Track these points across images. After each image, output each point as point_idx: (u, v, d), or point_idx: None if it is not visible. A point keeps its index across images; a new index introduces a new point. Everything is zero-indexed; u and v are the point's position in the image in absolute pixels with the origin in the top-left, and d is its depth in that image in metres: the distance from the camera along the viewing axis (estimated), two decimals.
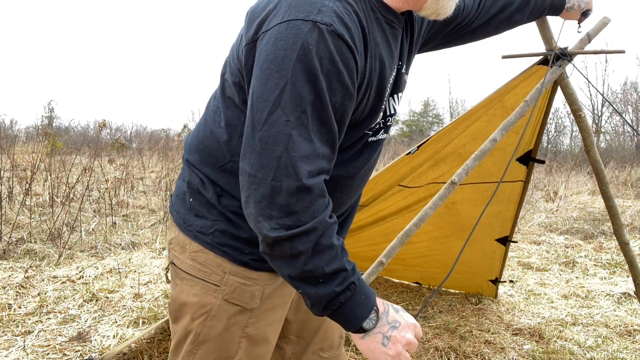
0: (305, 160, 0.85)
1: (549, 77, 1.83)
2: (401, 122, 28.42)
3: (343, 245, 0.93)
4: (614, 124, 17.76)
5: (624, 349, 2.80)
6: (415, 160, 2.53)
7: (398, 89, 1.13)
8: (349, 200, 1.19)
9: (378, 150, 1.16)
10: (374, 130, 1.09)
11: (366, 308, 0.91)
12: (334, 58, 0.85)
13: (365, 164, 1.13)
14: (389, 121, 1.14)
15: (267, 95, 0.85)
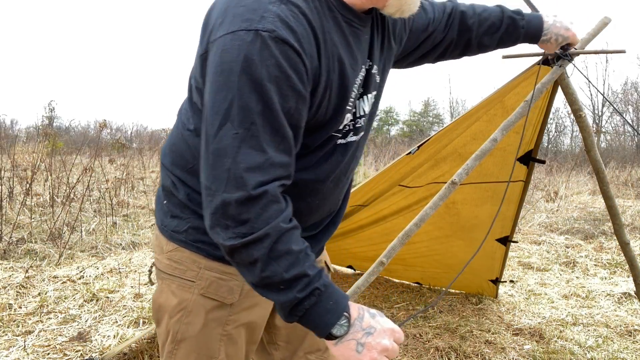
0: (255, 171, 0.85)
1: (549, 77, 1.83)
2: (401, 122, 28.44)
3: (307, 250, 0.91)
4: (614, 124, 17.76)
5: (625, 349, 2.80)
6: (415, 160, 2.53)
7: (368, 89, 1.11)
8: (325, 205, 1.16)
9: (350, 153, 1.12)
10: (342, 133, 1.07)
11: (335, 314, 0.89)
12: (280, 64, 0.85)
13: (336, 168, 1.10)
14: (359, 123, 1.11)
15: (217, 108, 0.86)
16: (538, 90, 1.77)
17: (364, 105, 1.11)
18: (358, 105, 1.08)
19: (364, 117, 1.12)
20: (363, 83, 1.07)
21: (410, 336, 2.84)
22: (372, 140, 17.64)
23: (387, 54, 1.16)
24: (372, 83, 1.11)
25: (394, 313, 3.20)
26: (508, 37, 1.45)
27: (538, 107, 2.32)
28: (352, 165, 1.17)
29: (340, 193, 1.21)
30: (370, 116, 1.17)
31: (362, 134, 1.16)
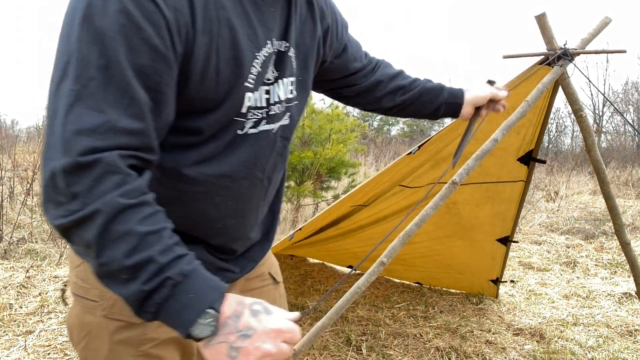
0: (87, 135, 0.70)
1: (550, 77, 1.83)
2: (402, 122, 28.43)
3: (162, 232, 0.74)
4: (615, 124, 17.74)
5: (625, 349, 2.79)
6: (416, 160, 2.53)
7: (284, 73, 0.98)
8: (246, 212, 1.02)
9: (264, 145, 0.98)
10: (249, 119, 0.93)
11: (194, 310, 0.72)
12: (128, 12, 0.71)
13: (248, 162, 0.96)
14: (273, 110, 0.97)
15: (57, 62, 0.73)
16: (538, 90, 1.77)
17: (278, 90, 0.98)
18: (272, 91, 0.96)
19: (279, 104, 0.99)
20: (275, 64, 0.95)
21: (410, 336, 2.84)
22: (372, 140, 17.63)
23: (311, 42, 1.06)
24: (287, 66, 0.99)
25: (395, 313, 3.20)
26: (420, 105, 1.41)
27: (539, 107, 2.33)
28: (271, 161, 1.02)
29: (263, 196, 1.05)
30: (290, 104, 1.04)
31: (282, 124, 1.02)
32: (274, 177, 1.07)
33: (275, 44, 0.94)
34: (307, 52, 1.05)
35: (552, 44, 1.87)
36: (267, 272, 1.21)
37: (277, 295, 1.23)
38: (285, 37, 0.97)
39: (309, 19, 1.04)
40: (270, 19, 0.92)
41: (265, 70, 0.93)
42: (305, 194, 5.47)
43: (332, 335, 2.80)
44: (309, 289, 3.58)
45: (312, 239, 3.37)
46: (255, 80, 0.90)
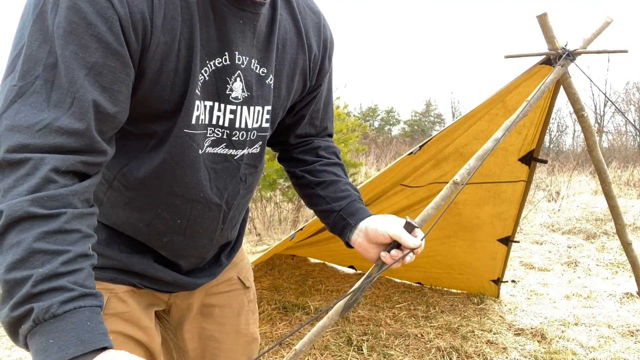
0: (22, 132, 0.66)
1: (551, 77, 1.83)
2: (403, 122, 28.44)
3: (61, 253, 0.64)
4: (616, 124, 17.73)
5: (627, 349, 2.79)
6: (417, 160, 2.53)
7: (257, 99, 0.92)
8: (192, 229, 0.96)
9: (225, 169, 0.94)
10: (211, 139, 0.89)
11: (46, 357, 0.60)
12: (80, 9, 0.68)
13: (203, 185, 0.91)
14: (236, 135, 0.92)
15: (9, 55, 0.71)
16: (540, 90, 1.77)
17: (247, 117, 0.92)
18: (238, 112, 0.90)
19: (245, 131, 0.93)
20: (247, 86, 0.90)
21: (411, 336, 2.84)
22: (373, 140, 17.63)
23: (293, 74, 0.98)
24: (264, 93, 0.93)
25: (396, 313, 3.20)
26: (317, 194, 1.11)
27: (540, 106, 2.32)
28: (231, 187, 0.97)
29: (221, 221, 1.00)
30: (264, 134, 0.98)
31: (251, 153, 0.97)
32: (237, 204, 1.02)
33: (240, 59, 0.88)
34: (288, 83, 0.99)
35: (554, 43, 1.87)
36: (236, 276, 1.18)
37: (245, 300, 1.20)
38: (263, 63, 0.92)
39: (295, 49, 0.97)
40: (235, 32, 0.85)
41: (222, 84, 0.87)
42: None
43: (333, 335, 2.80)
44: (310, 289, 3.58)
45: (313, 238, 3.37)
46: (202, 88, 0.85)
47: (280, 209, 6.20)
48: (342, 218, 1.06)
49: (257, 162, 1.01)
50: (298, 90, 1.03)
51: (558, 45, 1.88)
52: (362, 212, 1.05)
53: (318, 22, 1.02)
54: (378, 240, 0.99)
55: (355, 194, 1.09)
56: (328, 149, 1.15)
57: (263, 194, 5.67)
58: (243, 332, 1.18)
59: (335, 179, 1.10)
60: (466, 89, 45.45)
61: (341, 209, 1.06)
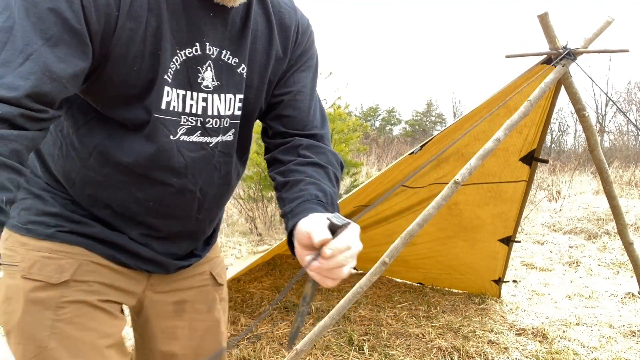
0: None
1: (552, 77, 1.83)
2: (404, 122, 28.44)
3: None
4: (617, 124, 17.71)
5: (628, 349, 2.79)
6: (418, 160, 2.53)
7: (228, 87, 0.95)
8: (164, 212, 0.98)
9: (200, 157, 0.96)
10: (186, 127, 0.92)
11: None
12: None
13: (177, 170, 0.94)
14: (210, 122, 0.95)
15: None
16: (541, 89, 1.77)
17: (219, 103, 0.95)
18: (209, 100, 0.93)
19: (218, 119, 0.96)
20: (217, 75, 0.93)
21: (412, 336, 2.84)
22: (374, 139, 17.62)
23: (266, 63, 1.00)
24: (234, 82, 0.96)
25: (397, 313, 3.20)
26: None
27: (541, 106, 2.32)
28: (205, 174, 0.99)
29: (195, 208, 1.01)
30: (236, 121, 0.99)
31: (224, 140, 0.99)
32: (212, 193, 1.02)
33: (211, 50, 0.91)
34: (261, 72, 1.00)
35: (555, 43, 1.87)
36: (209, 271, 1.18)
37: (217, 297, 1.19)
38: (235, 53, 0.94)
39: (267, 41, 0.99)
40: (205, 24, 0.89)
41: (194, 73, 0.90)
42: None
43: (334, 335, 2.80)
44: None
45: None
46: (174, 77, 0.88)
47: None
48: (287, 222, 0.92)
49: (231, 150, 1.02)
50: (274, 79, 1.03)
51: (559, 44, 1.88)
52: (307, 212, 0.87)
53: (291, 13, 1.04)
54: (303, 242, 0.82)
55: (312, 193, 0.92)
56: (313, 149, 1.03)
57: (264, 193, 5.67)
58: (213, 329, 1.18)
59: (300, 179, 0.96)
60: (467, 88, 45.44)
61: (290, 211, 0.91)
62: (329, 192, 0.95)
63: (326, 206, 0.91)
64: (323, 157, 1.03)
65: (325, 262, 0.78)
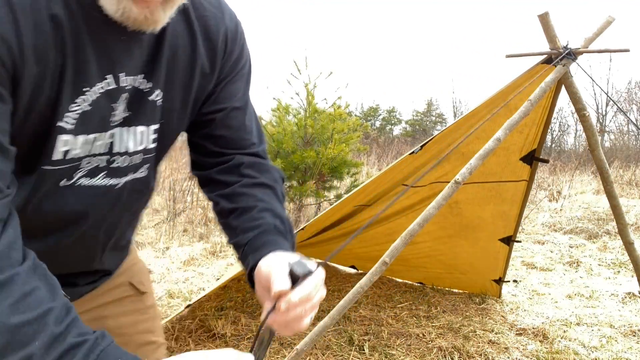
0: None
1: (553, 76, 1.83)
2: (404, 122, 28.44)
3: (45, 315, 0.58)
4: (618, 123, 17.70)
5: (629, 349, 2.79)
6: (418, 159, 2.53)
7: (140, 118, 0.80)
8: (60, 254, 0.86)
9: (105, 200, 0.83)
10: (87, 168, 0.78)
11: None
12: None
13: (74, 217, 0.82)
14: (117, 161, 0.81)
15: None
16: (541, 89, 1.77)
17: (128, 139, 0.80)
18: (118, 136, 0.79)
19: (127, 156, 0.82)
20: (129, 105, 0.78)
21: (413, 336, 2.84)
22: (375, 139, 17.62)
23: (189, 84, 0.85)
24: (147, 111, 0.81)
25: (397, 313, 3.20)
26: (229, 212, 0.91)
27: (541, 106, 2.32)
28: (111, 216, 0.87)
29: (99, 249, 0.92)
30: (149, 155, 0.86)
31: (135, 178, 0.86)
32: (120, 230, 0.93)
33: (126, 81, 0.76)
34: (183, 94, 0.86)
35: (555, 43, 1.87)
36: (127, 281, 1.07)
37: (141, 307, 1.09)
38: (149, 77, 0.79)
39: (190, 53, 0.84)
40: (117, 50, 0.73)
41: (107, 112, 0.76)
42: (308, 194, 5.47)
43: (334, 335, 2.80)
44: None
45: (314, 239, 3.37)
46: (79, 122, 0.73)
47: None
48: (245, 255, 0.84)
49: (144, 187, 0.90)
50: (200, 98, 0.89)
51: (559, 44, 1.88)
52: (268, 247, 0.81)
53: (217, 16, 0.87)
54: (263, 284, 0.76)
55: (270, 222, 0.85)
56: (256, 167, 0.94)
57: None
58: (144, 341, 1.09)
59: (252, 205, 0.88)
60: (467, 88, 45.45)
61: (247, 243, 0.84)
62: (285, 217, 0.89)
63: (285, 235, 0.85)
64: (268, 176, 0.94)
65: (281, 315, 0.71)
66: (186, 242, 4.94)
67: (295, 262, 0.73)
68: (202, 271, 4.00)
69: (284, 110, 5.71)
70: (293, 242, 0.89)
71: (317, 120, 5.50)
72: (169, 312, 3.03)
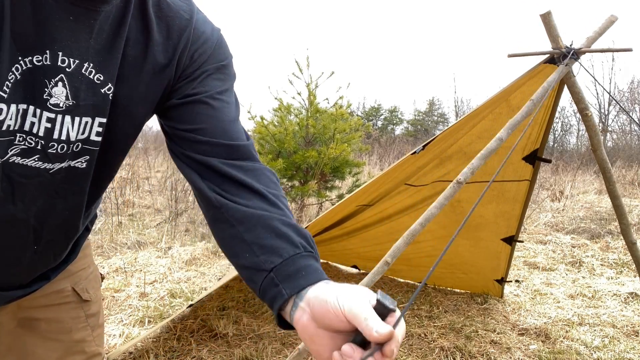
0: None
1: (555, 76, 1.82)
2: (406, 122, 28.41)
3: None
4: (620, 123, 17.65)
5: (631, 349, 2.78)
6: (421, 159, 2.53)
7: (87, 109, 0.78)
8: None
9: (35, 183, 0.80)
10: (20, 147, 0.76)
11: None
12: None
13: (1, 196, 0.78)
14: (53, 147, 0.78)
15: None
16: (544, 89, 1.76)
17: (70, 128, 0.78)
18: (58, 122, 0.77)
19: (65, 144, 0.79)
20: (74, 92, 0.76)
21: (415, 336, 2.84)
22: (376, 139, 17.62)
23: (148, 72, 0.82)
24: (95, 103, 0.78)
25: None
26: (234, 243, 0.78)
27: (544, 106, 2.32)
28: (42, 202, 0.83)
29: (31, 239, 0.86)
30: (93, 148, 0.82)
31: (71, 166, 0.82)
32: (54, 223, 0.87)
33: (65, 62, 0.74)
34: (139, 91, 0.83)
35: (558, 42, 1.86)
36: (70, 287, 1.02)
37: (82, 315, 1.04)
38: (102, 69, 0.77)
39: (143, 48, 0.81)
40: (61, 29, 0.72)
41: (39, 86, 0.73)
42: (309, 194, 5.47)
43: None
44: None
45: (315, 238, 3.37)
46: (12, 89, 0.71)
47: None
48: (273, 284, 0.70)
49: (81, 180, 0.85)
50: (155, 97, 0.85)
51: (562, 44, 1.87)
52: (306, 276, 0.68)
53: (185, 17, 0.85)
54: (329, 322, 0.61)
55: (298, 241, 0.73)
56: (257, 173, 0.84)
57: None
58: (76, 349, 1.04)
59: (269, 215, 0.76)
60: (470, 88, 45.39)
61: (273, 269, 0.70)
62: (306, 232, 0.77)
63: (317, 257, 0.74)
64: (273, 187, 0.84)
65: (359, 353, 0.57)
66: (188, 242, 4.95)
67: (379, 293, 0.60)
68: (204, 271, 4.00)
69: (286, 110, 5.72)
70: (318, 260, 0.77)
71: (318, 120, 5.50)
72: (171, 311, 3.03)
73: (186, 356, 2.45)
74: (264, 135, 5.40)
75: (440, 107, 28.35)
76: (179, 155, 0.87)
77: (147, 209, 6.49)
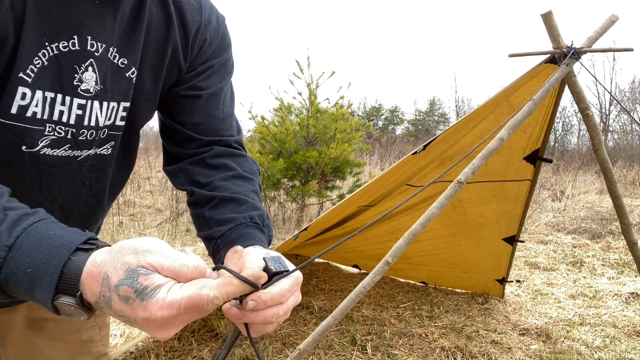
0: None
1: (556, 76, 1.82)
2: (407, 122, 28.41)
3: None
4: (621, 123, 17.64)
5: (632, 349, 2.78)
6: (422, 160, 2.53)
7: (114, 93, 0.79)
8: None
9: (62, 172, 0.81)
10: (50, 138, 0.76)
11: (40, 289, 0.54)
12: None
13: (26, 184, 0.78)
14: (83, 134, 0.79)
15: None
16: (545, 88, 1.76)
17: (98, 112, 0.79)
18: (88, 108, 0.77)
19: (94, 130, 0.80)
20: (103, 78, 0.77)
21: (416, 336, 2.84)
22: (377, 139, 17.61)
23: (161, 58, 0.84)
24: (122, 88, 0.80)
25: (400, 312, 3.19)
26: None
27: (545, 105, 2.31)
28: (67, 191, 0.84)
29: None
30: (116, 133, 0.84)
31: (98, 154, 0.84)
32: (78, 212, 0.88)
33: (94, 46, 0.75)
34: (155, 76, 0.85)
35: (559, 42, 1.86)
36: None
37: (87, 324, 1.05)
38: (125, 53, 0.79)
39: (164, 36, 0.84)
40: (87, 13, 0.72)
41: (68, 72, 0.73)
42: (310, 194, 5.47)
43: (337, 335, 2.80)
44: (314, 289, 3.58)
45: (317, 238, 3.37)
46: (38, 75, 0.71)
47: (284, 208, 6.21)
48: (217, 249, 0.80)
49: (106, 166, 0.87)
50: (169, 81, 0.88)
51: (563, 43, 1.87)
52: (243, 240, 0.77)
53: (195, 6, 0.88)
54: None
55: (246, 215, 0.82)
56: (233, 157, 0.92)
57: (267, 193, 5.68)
58: (83, 350, 1.06)
59: (228, 196, 0.85)
60: (470, 88, 45.35)
61: (220, 236, 0.80)
62: (263, 211, 0.85)
63: (262, 229, 0.82)
64: (246, 167, 0.93)
65: (247, 314, 0.61)
66: (189, 242, 4.95)
67: (271, 258, 0.65)
68: None
69: (287, 110, 5.72)
70: (270, 238, 0.84)
71: (319, 120, 5.50)
72: None
73: (187, 356, 2.45)
74: (264, 135, 5.40)
75: (441, 107, 28.34)
76: (170, 148, 0.95)
77: (148, 208, 6.49)
